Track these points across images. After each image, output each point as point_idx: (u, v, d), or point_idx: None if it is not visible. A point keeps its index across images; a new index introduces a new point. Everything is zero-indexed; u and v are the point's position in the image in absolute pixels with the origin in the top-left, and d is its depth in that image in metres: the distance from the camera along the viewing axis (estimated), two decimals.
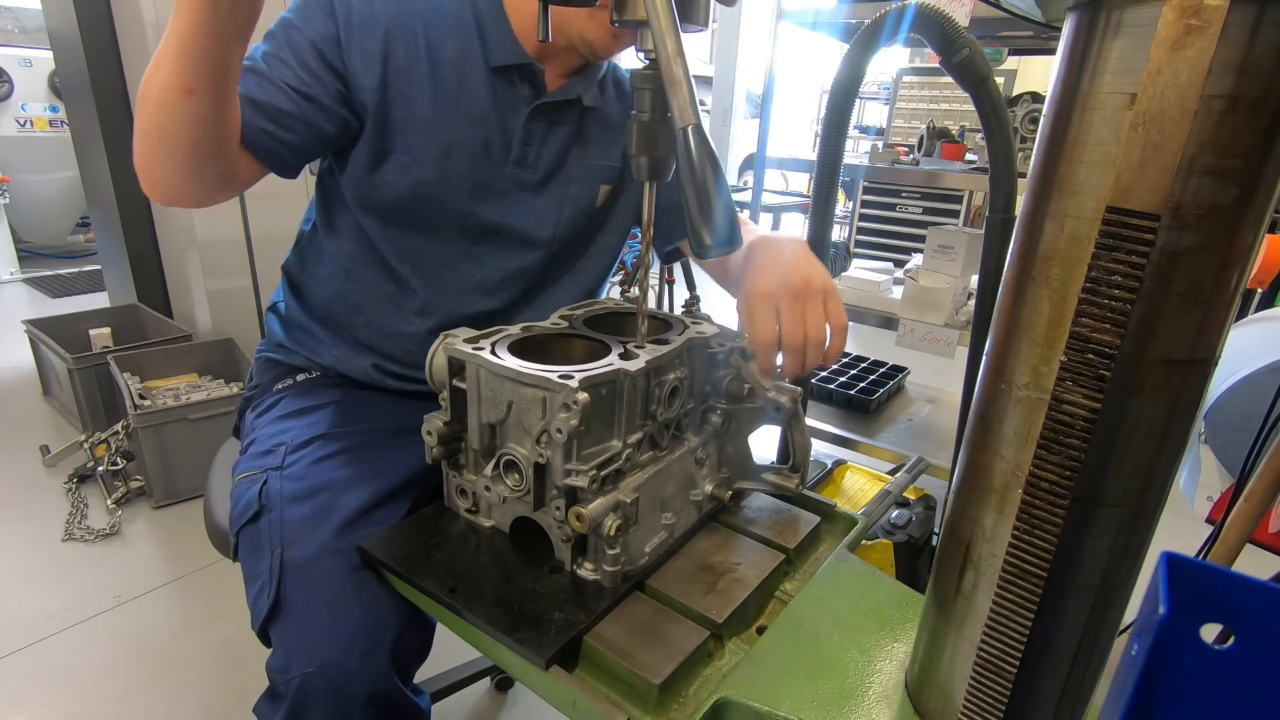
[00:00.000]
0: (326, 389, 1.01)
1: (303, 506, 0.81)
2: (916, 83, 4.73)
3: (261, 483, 0.84)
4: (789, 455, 0.82)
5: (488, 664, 1.47)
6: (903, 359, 2.44)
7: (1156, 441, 0.44)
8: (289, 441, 0.90)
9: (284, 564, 0.75)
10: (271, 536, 0.79)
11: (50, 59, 4.02)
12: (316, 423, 0.93)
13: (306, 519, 0.79)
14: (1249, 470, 0.98)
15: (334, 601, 0.73)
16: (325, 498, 0.81)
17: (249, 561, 0.80)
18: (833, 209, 0.85)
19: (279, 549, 0.77)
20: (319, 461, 0.87)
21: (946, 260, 1.98)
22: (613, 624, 0.66)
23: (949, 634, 0.55)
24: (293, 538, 0.77)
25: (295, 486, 0.83)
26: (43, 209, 4.55)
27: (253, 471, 0.87)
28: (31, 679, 1.50)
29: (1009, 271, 0.49)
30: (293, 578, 0.75)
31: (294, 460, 0.87)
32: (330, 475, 0.85)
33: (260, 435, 0.94)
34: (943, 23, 0.68)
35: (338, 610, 0.73)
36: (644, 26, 0.60)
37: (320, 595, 0.74)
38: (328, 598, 0.73)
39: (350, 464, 0.87)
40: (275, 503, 0.82)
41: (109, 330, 2.64)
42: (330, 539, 0.77)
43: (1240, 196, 0.39)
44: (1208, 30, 0.36)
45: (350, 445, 0.91)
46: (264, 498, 0.83)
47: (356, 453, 0.90)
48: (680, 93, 0.57)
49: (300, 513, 0.80)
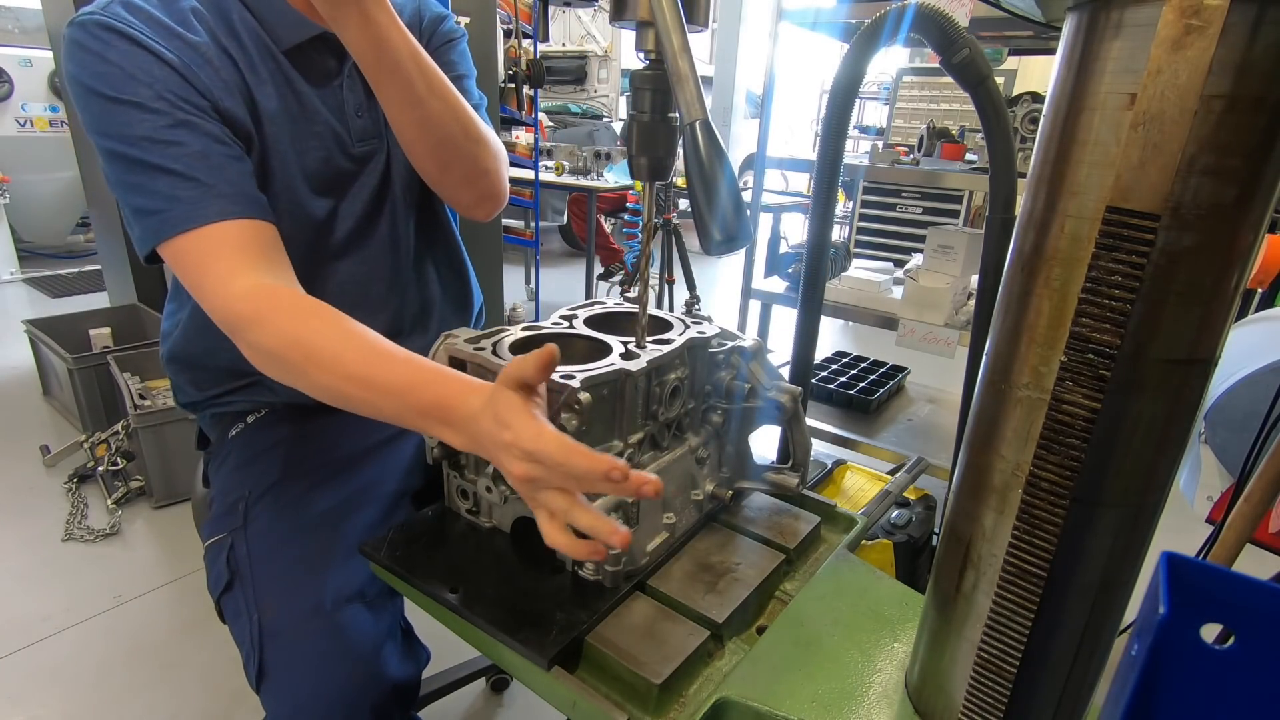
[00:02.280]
0: (276, 426, 0.96)
1: (273, 564, 0.79)
2: (916, 83, 4.72)
3: (228, 548, 0.82)
4: (789, 455, 0.82)
5: (483, 665, 1.47)
6: (903, 359, 2.44)
7: (1156, 441, 0.44)
8: (247, 494, 0.87)
9: (262, 630, 0.75)
10: (248, 602, 0.77)
11: (50, 59, 4.03)
12: (270, 469, 0.90)
13: (277, 579, 0.78)
14: (1249, 470, 0.98)
15: (316, 665, 0.72)
16: (293, 551, 0.80)
17: (233, 626, 0.79)
18: (833, 209, 0.85)
19: (256, 614, 0.76)
20: (281, 511, 0.85)
21: (946, 260, 1.98)
22: (613, 624, 0.66)
23: (949, 634, 0.55)
24: (267, 601, 0.76)
25: (261, 545, 0.81)
26: (43, 209, 4.55)
27: (219, 535, 0.84)
28: (31, 679, 1.50)
29: (1009, 271, 0.49)
30: (271, 644, 0.74)
31: (256, 515, 0.85)
32: (294, 523, 0.83)
33: (218, 491, 0.91)
34: (943, 23, 0.68)
35: (320, 674, 0.72)
36: (645, 26, 0.60)
37: (299, 660, 0.73)
38: (306, 663, 0.72)
39: (313, 504, 0.85)
40: (244, 567, 0.80)
41: (109, 330, 2.64)
42: (306, 597, 0.76)
43: (1240, 196, 0.39)
44: (1208, 30, 0.36)
45: (312, 483, 0.88)
46: (232, 563, 0.81)
47: (319, 490, 0.87)
48: (686, 88, 0.57)
49: (270, 573, 0.79)
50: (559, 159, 4.21)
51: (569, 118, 6.59)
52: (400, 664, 0.76)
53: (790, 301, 2.21)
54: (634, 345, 0.73)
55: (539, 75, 3.19)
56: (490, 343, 0.73)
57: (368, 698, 0.72)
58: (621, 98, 6.59)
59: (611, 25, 0.67)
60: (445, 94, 0.84)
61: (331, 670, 0.72)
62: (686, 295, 3.77)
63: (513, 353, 0.71)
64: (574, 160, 4.15)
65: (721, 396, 0.80)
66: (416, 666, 0.80)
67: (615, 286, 3.96)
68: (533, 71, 3.17)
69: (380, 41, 0.76)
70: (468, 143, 0.89)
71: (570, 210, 5.70)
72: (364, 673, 0.73)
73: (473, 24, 2.65)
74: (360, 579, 0.78)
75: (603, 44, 6.60)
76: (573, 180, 4.01)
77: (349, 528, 0.83)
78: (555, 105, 6.67)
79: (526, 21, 3.36)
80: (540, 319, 0.85)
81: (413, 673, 0.78)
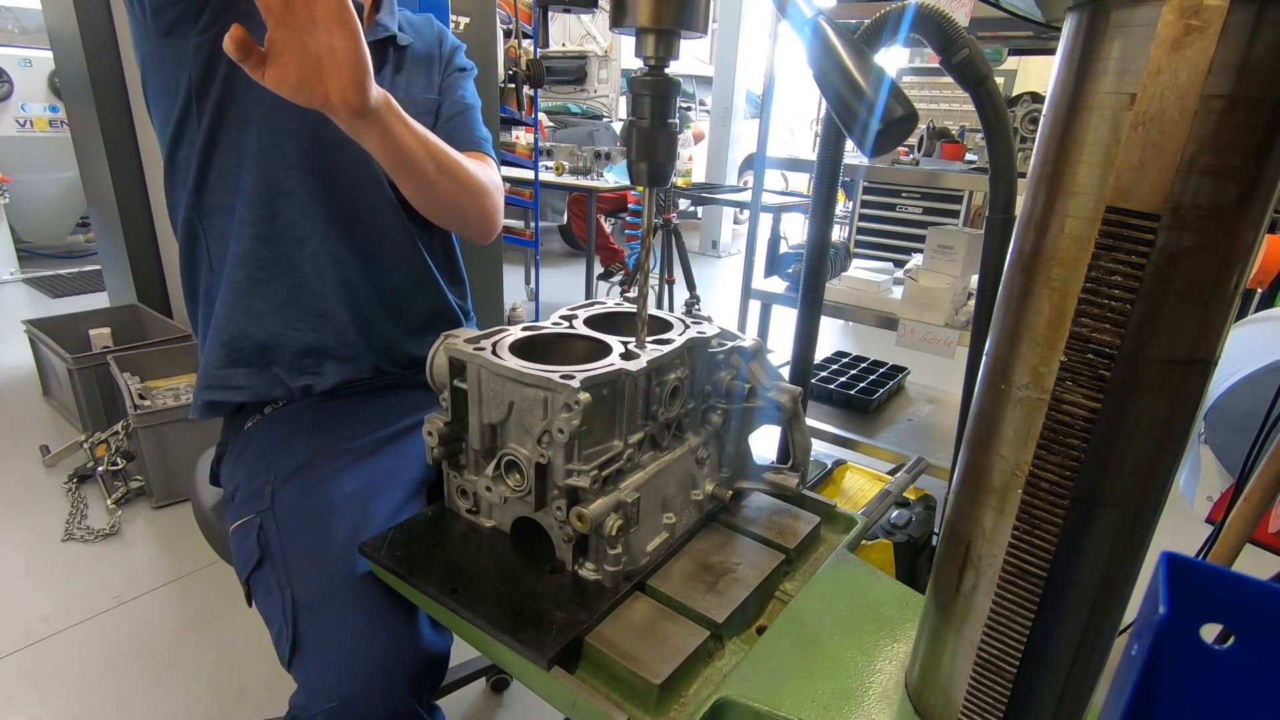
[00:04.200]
0: (296, 416, 0.99)
1: (303, 542, 0.80)
2: (916, 83, 4.72)
3: (257, 527, 0.84)
4: (789, 455, 0.82)
5: (483, 665, 1.47)
6: (903, 359, 2.44)
7: (1156, 441, 0.44)
8: (273, 478, 0.88)
9: (296, 604, 0.75)
10: (280, 579, 0.78)
11: (50, 59, 4.02)
12: (296, 454, 0.92)
13: (309, 554, 0.79)
14: (1249, 470, 0.98)
15: (352, 636, 0.73)
16: (323, 528, 0.81)
17: (264, 605, 0.80)
18: (833, 209, 0.85)
19: (289, 589, 0.77)
20: (308, 492, 0.86)
21: (946, 260, 1.98)
22: (613, 624, 0.66)
23: (949, 634, 0.55)
24: (300, 576, 0.77)
25: (291, 523, 0.83)
26: (43, 209, 4.55)
27: (246, 517, 0.86)
28: (31, 679, 1.50)
29: (1009, 271, 0.49)
30: (306, 616, 0.75)
31: (284, 497, 0.86)
32: (323, 503, 0.84)
33: (242, 479, 0.93)
34: (943, 23, 0.67)
35: (356, 644, 0.72)
36: (645, 32, 0.60)
37: (337, 631, 0.73)
38: (345, 633, 0.73)
39: (340, 487, 0.86)
40: (275, 545, 0.81)
41: (109, 330, 2.64)
42: (338, 571, 0.76)
43: (1240, 196, 0.39)
44: (1207, 30, 0.36)
45: (337, 467, 0.89)
46: (262, 542, 0.82)
47: (345, 474, 0.88)
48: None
49: (302, 549, 0.80)
50: (559, 159, 4.21)
51: (569, 118, 6.59)
52: (433, 635, 0.77)
53: (790, 301, 2.21)
54: (634, 345, 0.73)
55: (539, 75, 3.19)
56: (490, 343, 0.73)
57: (405, 667, 0.72)
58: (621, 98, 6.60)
59: (611, 31, 0.67)
60: (453, 170, 0.95)
61: (368, 640, 0.73)
62: (686, 295, 3.77)
63: (513, 353, 0.71)
64: (574, 160, 4.15)
65: (721, 396, 0.80)
66: (448, 638, 0.80)
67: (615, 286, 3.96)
68: (532, 72, 3.17)
69: (398, 149, 0.85)
70: (471, 200, 1.00)
71: (570, 210, 5.70)
72: (400, 643, 0.73)
73: (472, 24, 2.65)
74: None
75: (603, 44, 6.60)
76: (573, 180, 4.01)
77: (375, 509, 0.84)
78: (555, 105, 6.67)
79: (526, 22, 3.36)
80: (540, 319, 0.86)
81: (444, 645, 0.79)
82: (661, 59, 0.62)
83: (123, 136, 2.60)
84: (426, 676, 0.76)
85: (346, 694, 0.70)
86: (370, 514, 0.83)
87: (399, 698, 0.72)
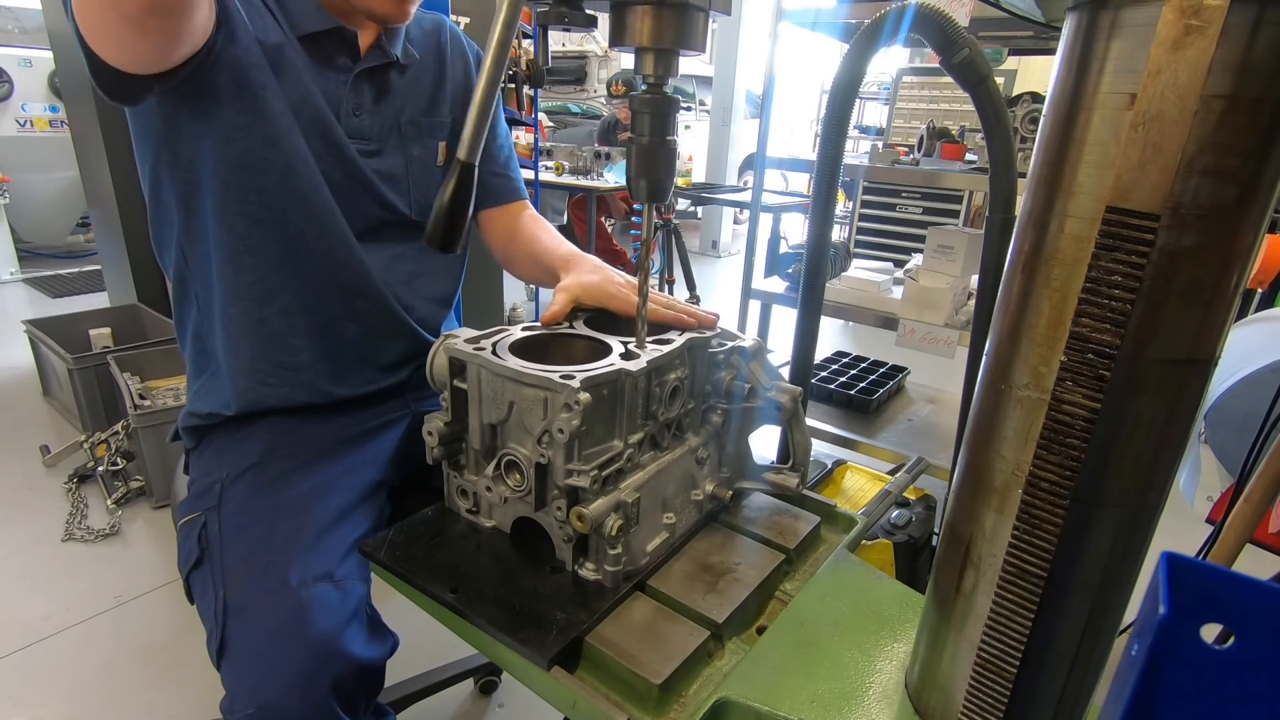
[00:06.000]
0: (260, 416, 0.96)
1: (241, 545, 0.80)
2: (916, 83, 4.72)
3: (200, 525, 0.84)
4: (789, 455, 0.82)
5: (471, 665, 1.47)
6: (903, 359, 2.44)
7: (1156, 441, 0.44)
8: (224, 476, 0.88)
9: (226, 606, 0.75)
10: (215, 580, 0.78)
11: (50, 59, 4.02)
12: (249, 452, 0.90)
13: (245, 558, 0.79)
14: (1249, 470, 0.98)
15: (274, 642, 0.72)
16: (262, 531, 0.81)
17: (201, 605, 0.80)
18: (833, 209, 0.85)
19: (222, 590, 0.76)
20: (257, 491, 0.85)
21: (946, 260, 1.98)
22: (613, 624, 0.66)
23: (949, 634, 0.55)
24: (233, 578, 0.77)
25: (232, 525, 0.83)
26: (43, 209, 4.55)
27: (193, 514, 0.86)
28: (31, 679, 1.50)
29: (1009, 271, 0.49)
30: (234, 619, 0.74)
31: (231, 496, 0.86)
32: (268, 504, 0.84)
33: (197, 474, 0.92)
34: (943, 23, 0.67)
35: (278, 650, 0.72)
36: (644, 51, 0.60)
37: (259, 636, 0.73)
38: (267, 638, 0.72)
39: (289, 486, 0.86)
40: (215, 545, 0.81)
41: (109, 330, 2.64)
42: (270, 574, 0.76)
43: (1240, 196, 0.39)
44: (1208, 30, 0.36)
45: (288, 467, 0.88)
46: (203, 541, 0.82)
47: (296, 474, 0.87)
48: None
49: (239, 552, 0.79)
50: (559, 159, 4.21)
51: (569, 118, 6.59)
52: (365, 645, 0.76)
53: (790, 301, 2.21)
54: (634, 345, 0.73)
55: (539, 76, 3.19)
56: (490, 343, 0.73)
57: (327, 674, 0.71)
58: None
59: (610, 50, 0.67)
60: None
61: (289, 645, 0.72)
62: (686, 295, 3.78)
63: (513, 353, 0.71)
64: (574, 160, 4.15)
65: (721, 396, 0.80)
66: (383, 649, 0.79)
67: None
68: (532, 72, 3.17)
69: None
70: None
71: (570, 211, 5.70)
72: (323, 650, 0.72)
73: (473, 24, 2.65)
74: (330, 561, 0.78)
75: (602, 45, 6.60)
76: (573, 180, 4.01)
77: (321, 510, 0.83)
78: (555, 105, 6.67)
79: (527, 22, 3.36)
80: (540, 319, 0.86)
81: (378, 654, 0.78)
82: (661, 78, 0.62)
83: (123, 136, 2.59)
84: (357, 685, 0.74)
85: (262, 701, 0.69)
86: (314, 516, 0.82)
87: (320, 706, 0.71)
